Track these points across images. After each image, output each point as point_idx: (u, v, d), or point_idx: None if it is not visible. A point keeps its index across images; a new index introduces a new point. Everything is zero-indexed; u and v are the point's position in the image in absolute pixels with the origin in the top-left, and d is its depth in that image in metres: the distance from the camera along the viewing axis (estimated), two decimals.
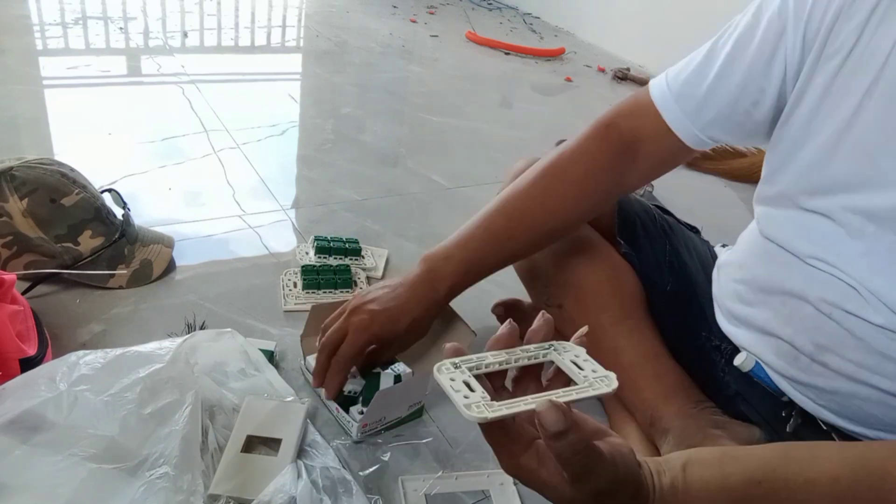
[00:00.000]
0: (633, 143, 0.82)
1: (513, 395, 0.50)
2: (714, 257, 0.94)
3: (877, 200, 0.63)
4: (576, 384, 0.49)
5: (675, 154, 0.82)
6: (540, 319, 0.52)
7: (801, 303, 0.70)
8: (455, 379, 0.48)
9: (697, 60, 0.78)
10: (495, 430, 0.48)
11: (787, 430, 0.76)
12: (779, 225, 0.73)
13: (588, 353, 0.51)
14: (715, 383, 0.85)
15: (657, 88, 0.80)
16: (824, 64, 0.66)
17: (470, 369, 0.49)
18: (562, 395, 0.46)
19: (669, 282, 0.92)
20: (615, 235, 0.94)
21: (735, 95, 0.74)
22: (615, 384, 0.48)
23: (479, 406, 0.45)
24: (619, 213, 0.94)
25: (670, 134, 0.79)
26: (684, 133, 0.78)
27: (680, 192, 1.93)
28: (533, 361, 0.51)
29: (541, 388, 0.51)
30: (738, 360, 0.76)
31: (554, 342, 0.52)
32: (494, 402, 0.46)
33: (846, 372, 0.67)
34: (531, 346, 0.51)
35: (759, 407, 0.80)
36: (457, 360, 0.49)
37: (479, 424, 0.46)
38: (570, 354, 0.51)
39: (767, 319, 0.74)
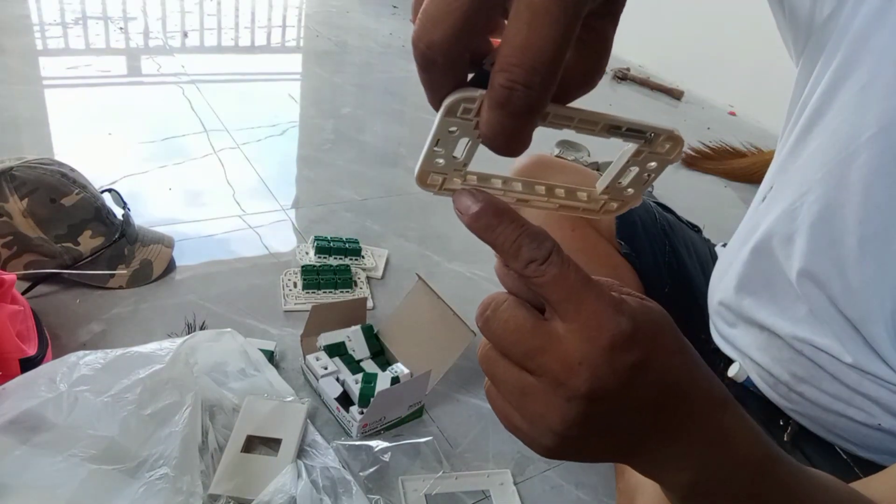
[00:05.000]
0: None
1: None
2: (714, 257, 0.93)
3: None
4: (587, 189, 0.34)
5: None
6: None
7: (772, 335, 0.69)
8: (455, 130, 0.28)
9: None
10: None
11: (785, 438, 0.75)
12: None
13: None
14: None
15: None
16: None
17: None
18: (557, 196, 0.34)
19: (668, 283, 0.92)
20: (615, 235, 0.94)
21: None
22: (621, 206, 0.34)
23: (439, 173, 0.31)
24: None
25: None
26: None
27: (680, 192, 1.93)
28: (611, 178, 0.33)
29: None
30: (731, 372, 0.76)
31: (657, 130, 0.30)
32: (473, 175, 0.32)
33: (822, 403, 0.67)
34: (619, 119, 0.29)
35: (758, 412, 0.80)
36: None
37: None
38: (651, 160, 0.32)
39: (747, 345, 0.74)
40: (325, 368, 0.94)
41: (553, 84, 0.24)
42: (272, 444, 0.83)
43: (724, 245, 0.95)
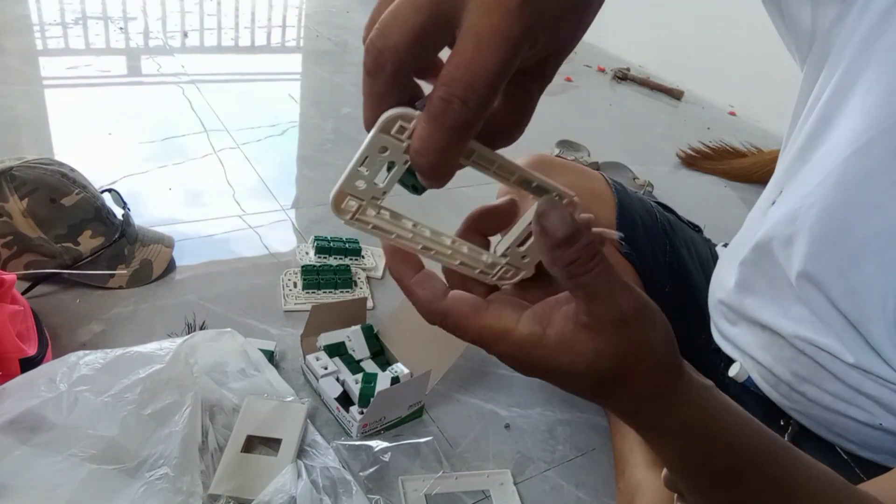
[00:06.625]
0: None
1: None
2: (715, 257, 0.93)
3: None
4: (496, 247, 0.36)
5: None
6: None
7: (774, 335, 0.70)
8: (385, 150, 0.29)
9: None
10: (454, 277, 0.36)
11: (785, 438, 0.75)
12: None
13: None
14: (716, 385, 0.85)
15: None
16: None
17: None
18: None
19: (668, 283, 0.92)
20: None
21: None
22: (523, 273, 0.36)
23: (356, 198, 0.31)
24: (619, 213, 0.94)
25: None
26: None
27: (680, 192, 1.93)
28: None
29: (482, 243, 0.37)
30: (732, 371, 0.76)
31: (561, 192, 0.35)
32: (386, 211, 0.32)
33: (824, 403, 0.67)
34: (532, 174, 0.34)
35: (758, 413, 0.80)
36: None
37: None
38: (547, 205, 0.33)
39: (749, 344, 0.74)
40: (325, 368, 0.94)
41: (487, 107, 0.25)
42: (272, 444, 0.83)
43: (725, 245, 0.94)
